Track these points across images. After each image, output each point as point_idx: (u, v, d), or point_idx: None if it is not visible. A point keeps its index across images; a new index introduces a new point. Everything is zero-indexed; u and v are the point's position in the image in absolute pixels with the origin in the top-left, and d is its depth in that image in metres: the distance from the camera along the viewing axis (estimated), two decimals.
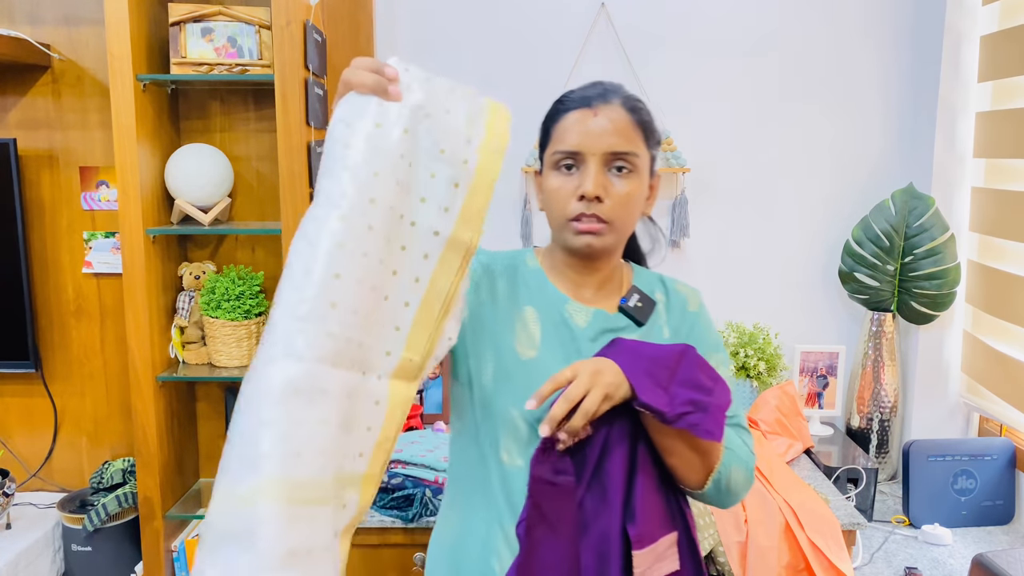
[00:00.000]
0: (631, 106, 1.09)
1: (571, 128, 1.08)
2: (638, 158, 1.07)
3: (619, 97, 1.09)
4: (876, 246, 2.31)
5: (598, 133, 1.06)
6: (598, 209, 1.06)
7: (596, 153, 1.06)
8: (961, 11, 2.22)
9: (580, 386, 0.96)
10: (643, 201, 1.12)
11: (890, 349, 2.31)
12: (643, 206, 1.13)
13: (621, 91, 1.11)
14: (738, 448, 1.08)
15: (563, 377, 0.98)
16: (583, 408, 0.95)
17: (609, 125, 1.06)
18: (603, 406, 0.97)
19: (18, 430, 2.38)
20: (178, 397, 2.22)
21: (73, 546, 2.16)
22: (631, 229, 1.14)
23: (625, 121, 1.07)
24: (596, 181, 1.05)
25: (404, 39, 2.41)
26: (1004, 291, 2.10)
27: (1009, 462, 2.10)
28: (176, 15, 2.00)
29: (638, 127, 1.08)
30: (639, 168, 1.08)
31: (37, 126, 2.25)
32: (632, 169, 1.07)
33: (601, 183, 1.05)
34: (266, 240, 2.28)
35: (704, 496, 1.07)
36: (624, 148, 1.06)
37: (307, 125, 1.99)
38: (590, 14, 2.38)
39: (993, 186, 2.18)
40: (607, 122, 1.06)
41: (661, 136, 1.15)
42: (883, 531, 2.03)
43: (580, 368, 0.98)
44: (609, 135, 1.06)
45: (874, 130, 2.43)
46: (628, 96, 1.10)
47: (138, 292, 2.01)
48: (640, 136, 1.08)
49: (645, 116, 1.10)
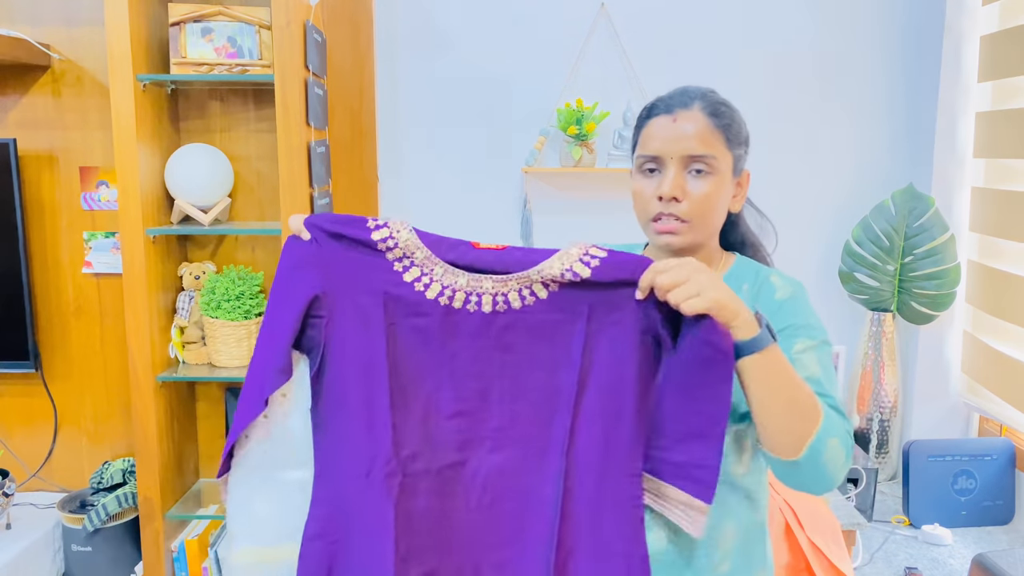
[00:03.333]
0: (712, 110, 1.14)
1: (653, 134, 1.15)
2: (716, 160, 1.13)
3: (700, 101, 1.15)
4: (876, 246, 2.31)
5: (676, 138, 1.13)
6: (676, 209, 1.12)
7: (674, 157, 1.12)
8: (961, 11, 2.22)
9: (683, 281, 0.94)
10: (727, 199, 1.17)
11: (890, 349, 2.31)
12: (729, 203, 1.18)
13: (704, 96, 1.16)
14: (838, 422, 1.02)
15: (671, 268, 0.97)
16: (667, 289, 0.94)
17: (687, 130, 1.13)
18: (690, 303, 0.93)
19: (18, 430, 2.38)
20: (178, 397, 2.22)
21: (73, 546, 2.16)
22: (714, 226, 1.18)
23: (703, 125, 1.13)
24: (674, 183, 1.12)
25: (404, 39, 2.41)
26: (1004, 291, 2.10)
27: (1009, 462, 2.10)
28: (176, 15, 1.99)
29: (717, 130, 1.14)
30: (718, 169, 1.13)
31: (37, 126, 2.25)
32: (710, 171, 1.13)
33: (679, 184, 1.12)
34: (266, 240, 2.28)
35: (798, 467, 1.00)
36: (700, 151, 1.12)
37: (307, 125, 1.99)
38: (590, 14, 2.38)
39: (993, 186, 2.17)
40: (686, 127, 1.13)
41: (748, 136, 1.20)
42: (883, 531, 2.03)
43: (696, 274, 0.95)
44: (687, 139, 1.12)
45: (874, 130, 2.43)
46: (710, 100, 1.16)
47: (138, 292, 2.01)
48: (720, 139, 1.14)
49: (726, 119, 1.15)
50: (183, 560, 2.17)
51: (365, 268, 1.03)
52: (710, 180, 1.13)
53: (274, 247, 2.26)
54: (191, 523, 2.24)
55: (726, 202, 1.17)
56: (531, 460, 1.03)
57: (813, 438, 0.99)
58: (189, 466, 2.30)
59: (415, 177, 2.46)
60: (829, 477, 1.01)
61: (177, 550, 2.17)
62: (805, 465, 1.00)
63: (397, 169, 2.46)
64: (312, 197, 2.02)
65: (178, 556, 2.17)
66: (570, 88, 2.39)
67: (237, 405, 1.02)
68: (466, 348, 1.03)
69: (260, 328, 1.05)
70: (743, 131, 1.18)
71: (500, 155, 2.43)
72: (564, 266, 1.02)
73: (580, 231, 2.42)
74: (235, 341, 2.15)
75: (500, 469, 1.03)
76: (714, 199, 1.13)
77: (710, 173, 1.13)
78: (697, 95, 1.16)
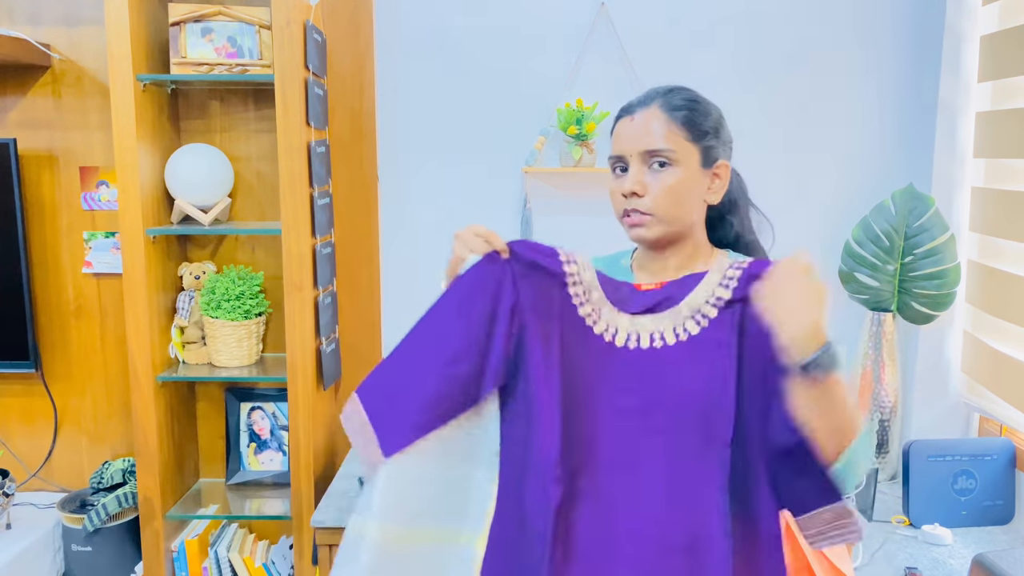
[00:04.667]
0: (670, 106, 1.19)
1: (617, 135, 1.22)
2: (675, 152, 1.17)
3: (660, 99, 1.20)
4: (876, 246, 2.30)
5: (634, 136, 1.18)
6: (639, 204, 1.18)
7: (633, 154, 1.18)
8: (961, 11, 2.22)
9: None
10: (697, 190, 1.20)
11: (890, 349, 2.31)
12: (704, 195, 1.21)
13: (665, 93, 1.21)
14: (866, 435, 1.09)
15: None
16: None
17: (643, 127, 1.18)
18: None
19: (18, 430, 2.38)
20: (178, 397, 2.22)
21: (73, 546, 2.16)
22: (686, 218, 1.21)
23: (660, 121, 1.18)
24: (634, 179, 1.17)
25: (404, 39, 2.40)
26: (1004, 291, 2.10)
27: (1009, 462, 2.10)
28: (176, 15, 2.00)
29: (676, 123, 1.18)
30: (679, 161, 1.17)
31: (37, 126, 2.25)
32: (670, 163, 1.17)
33: (638, 180, 1.17)
34: (266, 240, 2.28)
35: (832, 475, 1.07)
36: (656, 146, 1.17)
37: (307, 125, 1.99)
38: (590, 14, 2.38)
39: (993, 186, 2.17)
40: (641, 125, 1.18)
41: (719, 128, 1.22)
42: (883, 531, 2.03)
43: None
44: (644, 136, 1.17)
45: (874, 130, 2.43)
46: (670, 97, 1.20)
47: (138, 292, 2.01)
48: (680, 132, 1.18)
49: (686, 111, 1.18)
50: (183, 560, 2.17)
51: (549, 294, 1.13)
52: (670, 172, 1.17)
53: (274, 247, 2.26)
54: (191, 523, 2.25)
55: (696, 193, 1.20)
56: (690, 479, 1.09)
57: (849, 451, 1.06)
58: (189, 466, 2.30)
59: (415, 177, 2.46)
60: (849, 484, 1.09)
61: (177, 550, 2.17)
62: (840, 473, 1.07)
63: (397, 169, 2.46)
64: (312, 197, 2.03)
65: (178, 556, 2.17)
66: (570, 88, 2.39)
67: (431, 385, 1.06)
68: (628, 377, 1.11)
69: (451, 318, 1.11)
70: (709, 122, 1.20)
71: (500, 155, 2.43)
72: (708, 294, 1.11)
73: (580, 231, 2.42)
74: (235, 341, 2.15)
75: (657, 482, 1.09)
76: (677, 191, 1.17)
77: (670, 165, 1.17)
78: (657, 94, 1.21)
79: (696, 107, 1.20)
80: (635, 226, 1.19)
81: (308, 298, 2.03)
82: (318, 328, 2.09)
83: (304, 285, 2.01)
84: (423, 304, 1.19)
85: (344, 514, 1.87)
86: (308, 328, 2.04)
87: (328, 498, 1.96)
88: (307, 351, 2.04)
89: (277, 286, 2.20)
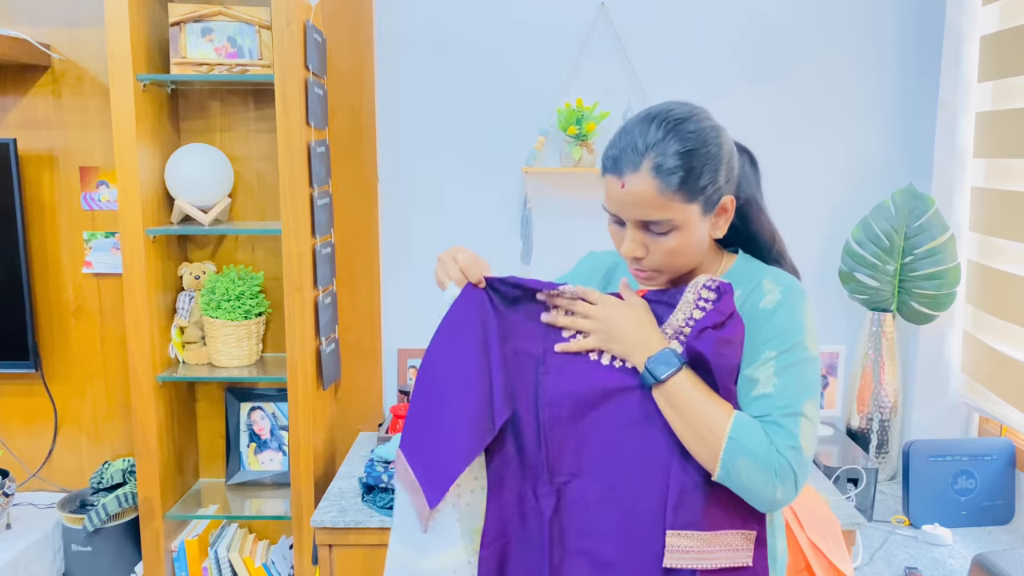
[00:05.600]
0: (661, 169, 1.06)
1: (608, 194, 1.13)
2: (674, 219, 1.09)
3: (648, 158, 1.07)
4: (876, 246, 2.30)
5: (628, 204, 1.10)
6: (643, 264, 1.14)
7: (630, 220, 1.11)
8: (961, 11, 2.22)
9: (585, 325, 1.13)
10: (700, 239, 1.14)
11: (890, 349, 2.31)
12: (710, 233, 1.16)
13: (654, 146, 1.07)
14: (752, 442, 1.03)
15: (589, 300, 1.14)
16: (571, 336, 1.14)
17: (636, 198, 1.08)
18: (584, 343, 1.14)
19: (18, 430, 2.38)
20: (178, 397, 2.22)
21: (73, 546, 2.16)
22: (692, 263, 1.16)
23: (653, 191, 1.07)
24: (634, 243, 1.12)
25: (404, 39, 2.40)
26: (1004, 291, 2.10)
27: (1009, 462, 2.10)
28: (176, 15, 2.00)
29: (669, 191, 1.07)
30: (679, 224, 1.10)
31: (37, 126, 2.25)
32: (671, 229, 1.10)
33: (640, 243, 1.12)
34: (266, 240, 2.28)
35: (728, 486, 1.06)
36: (654, 217, 1.09)
37: (307, 125, 1.99)
38: (590, 14, 2.38)
39: (993, 186, 2.17)
40: (634, 195, 1.08)
41: (717, 167, 1.10)
42: (883, 531, 2.03)
43: (605, 316, 1.12)
44: (638, 207, 1.09)
45: (874, 130, 2.43)
46: (661, 156, 1.07)
47: (138, 292, 2.01)
48: (675, 197, 1.07)
49: (680, 173, 1.07)
50: (183, 560, 2.17)
51: (530, 318, 1.15)
52: (672, 236, 1.10)
53: (274, 247, 2.26)
54: (191, 523, 2.25)
55: (701, 239, 1.14)
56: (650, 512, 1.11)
57: (720, 460, 1.04)
58: (189, 466, 2.30)
59: (415, 177, 2.46)
60: (756, 495, 1.05)
61: (177, 550, 2.17)
62: (727, 484, 1.06)
63: (397, 169, 2.46)
64: (312, 197, 2.03)
65: (178, 556, 2.17)
66: (570, 88, 2.39)
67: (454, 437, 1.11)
68: (612, 394, 1.13)
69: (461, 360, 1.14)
70: (707, 169, 1.08)
71: (500, 155, 2.43)
72: (687, 315, 1.12)
73: (580, 231, 2.42)
74: (235, 341, 2.15)
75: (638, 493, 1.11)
76: (680, 249, 1.12)
77: (671, 231, 1.10)
78: (644, 149, 1.07)
79: (692, 159, 1.07)
80: (643, 279, 1.17)
81: (308, 298, 2.03)
82: (318, 328, 2.09)
83: (304, 285, 2.01)
84: (423, 304, 1.21)
85: (344, 514, 1.87)
86: (308, 328, 2.04)
87: (328, 498, 1.96)
88: (307, 351, 2.04)
89: (277, 286, 2.20)
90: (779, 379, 1.07)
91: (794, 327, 1.10)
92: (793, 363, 1.08)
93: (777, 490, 1.03)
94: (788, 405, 1.06)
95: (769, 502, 1.05)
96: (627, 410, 1.12)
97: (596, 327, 1.13)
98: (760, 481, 1.03)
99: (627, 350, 1.11)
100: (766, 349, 1.09)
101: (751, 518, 1.10)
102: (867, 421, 2.33)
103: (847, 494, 2.06)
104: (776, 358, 1.09)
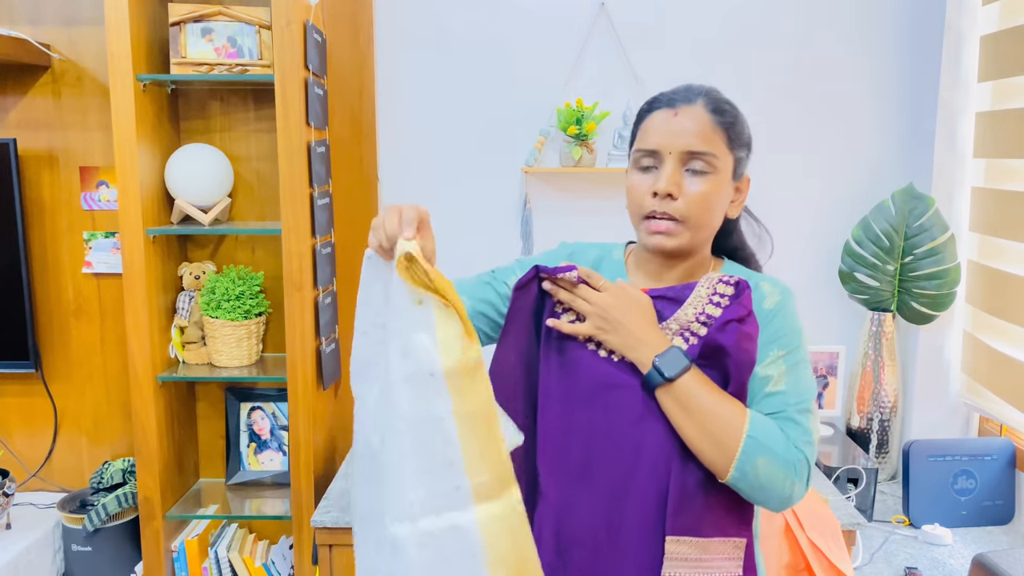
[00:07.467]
0: (715, 107, 1.11)
1: (653, 128, 1.12)
2: (716, 159, 1.09)
3: (704, 98, 1.11)
4: (876, 246, 2.31)
5: (676, 132, 1.09)
6: (671, 207, 1.09)
7: (673, 152, 1.09)
8: (961, 11, 2.22)
9: (583, 307, 1.11)
10: (725, 202, 1.14)
11: (890, 349, 2.31)
12: (727, 208, 1.15)
13: (708, 93, 1.13)
14: (770, 439, 1.03)
15: (594, 285, 1.11)
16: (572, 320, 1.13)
17: (688, 125, 1.09)
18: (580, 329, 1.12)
19: (18, 430, 2.38)
20: (178, 397, 2.22)
21: (73, 546, 2.16)
22: (709, 229, 1.14)
23: (705, 121, 1.09)
24: (671, 179, 1.09)
25: (404, 39, 2.41)
26: (1004, 291, 2.10)
27: (1009, 462, 2.10)
28: (176, 15, 1.99)
29: (720, 128, 1.10)
30: (717, 169, 1.10)
31: (37, 126, 2.25)
32: (709, 170, 1.09)
33: (676, 181, 1.09)
34: (266, 240, 2.28)
35: (738, 489, 1.04)
36: (701, 148, 1.08)
37: (307, 125, 1.98)
38: (590, 14, 2.38)
39: (993, 186, 2.17)
40: (687, 122, 1.09)
41: (750, 139, 1.16)
42: (883, 531, 2.03)
43: (607, 304, 1.10)
44: (687, 135, 1.09)
45: (874, 130, 2.43)
46: (714, 98, 1.12)
47: (138, 292, 2.01)
48: (722, 137, 1.10)
49: (729, 118, 1.11)
50: (183, 560, 2.17)
51: (538, 308, 1.15)
52: (708, 180, 1.09)
53: (274, 247, 2.26)
54: (191, 523, 2.25)
55: (723, 206, 1.14)
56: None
57: (736, 460, 1.02)
58: (189, 466, 2.30)
59: (415, 177, 2.46)
60: (771, 492, 1.04)
61: (177, 550, 2.17)
62: (739, 485, 1.04)
63: (397, 169, 2.46)
64: (312, 197, 2.02)
65: (178, 556, 2.17)
66: (570, 88, 2.39)
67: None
68: (612, 387, 1.11)
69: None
70: (745, 133, 1.15)
71: (500, 155, 2.43)
72: (698, 310, 1.10)
73: (580, 231, 2.42)
74: (235, 341, 2.15)
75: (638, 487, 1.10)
76: (711, 199, 1.10)
77: (709, 172, 1.09)
78: (701, 92, 1.12)
79: (737, 114, 1.13)
80: (659, 232, 1.10)
81: (308, 298, 2.03)
82: (318, 328, 2.09)
83: (304, 285, 2.01)
84: None
85: (344, 514, 1.87)
86: (308, 328, 2.04)
87: (328, 498, 1.96)
88: (307, 351, 2.04)
89: (277, 286, 2.20)
90: (790, 376, 1.09)
91: (796, 328, 1.13)
92: (799, 362, 1.11)
93: (794, 486, 1.04)
94: (801, 401, 1.08)
95: (785, 499, 1.05)
96: (625, 408, 1.09)
97: (594, 313, 1.10)
98: (779, 478, 1.03)
99: (626, 345, 1.09)
100: (773, 348, 1.10)
101: (742, 525, 1.10)
102: (867, 421, 2.33)
103: (847, 494, 2.06)
104: (784, 357, 1.10)
